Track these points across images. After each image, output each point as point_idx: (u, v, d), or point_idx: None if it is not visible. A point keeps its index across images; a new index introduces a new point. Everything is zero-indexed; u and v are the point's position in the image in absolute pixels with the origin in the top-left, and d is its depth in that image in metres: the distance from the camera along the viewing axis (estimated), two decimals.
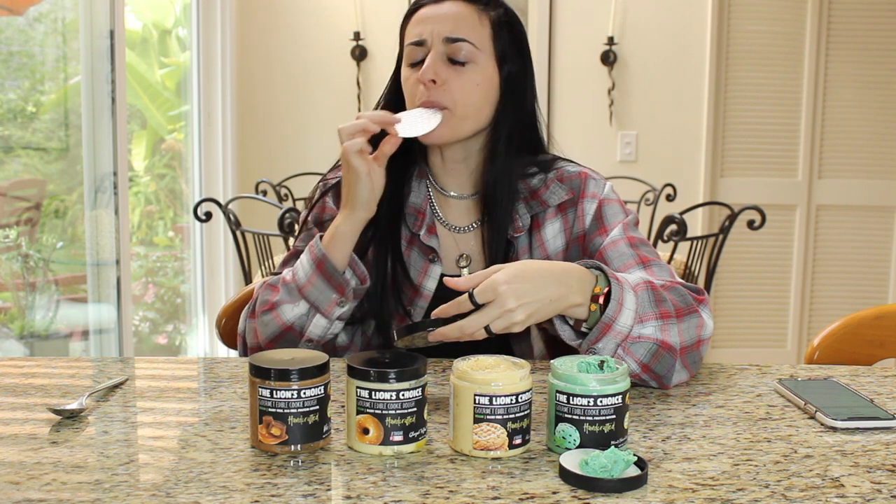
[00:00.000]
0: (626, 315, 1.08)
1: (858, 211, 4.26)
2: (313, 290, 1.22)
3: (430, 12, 1.29)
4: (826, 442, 0.93)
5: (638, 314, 1.09)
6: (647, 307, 1.10)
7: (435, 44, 1.26)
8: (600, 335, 1.08)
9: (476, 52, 1.27)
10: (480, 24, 1.28)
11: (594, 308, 1.09)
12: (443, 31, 1.26)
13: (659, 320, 1.10)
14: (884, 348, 1.39)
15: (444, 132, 1.27)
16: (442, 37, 1.26)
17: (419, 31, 1.28)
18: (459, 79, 1.26)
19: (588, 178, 1.33)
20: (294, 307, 1.23)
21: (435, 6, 1.29)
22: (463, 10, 1.28)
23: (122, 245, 3.03)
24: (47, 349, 3.01)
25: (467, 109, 1.27)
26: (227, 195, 3.90)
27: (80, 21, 2.97)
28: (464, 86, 1.26)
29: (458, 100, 1.26)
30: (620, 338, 1.08)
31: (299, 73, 4.23)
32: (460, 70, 1.26)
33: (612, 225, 1.29)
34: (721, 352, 4.30)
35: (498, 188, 1.30)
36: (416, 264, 1.32)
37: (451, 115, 1.26)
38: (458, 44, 1.26)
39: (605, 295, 1.09)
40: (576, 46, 4.16)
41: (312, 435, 0.87)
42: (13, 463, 0.85)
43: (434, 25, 1.27)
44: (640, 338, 1.09)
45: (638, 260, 1.24)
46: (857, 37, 4.16)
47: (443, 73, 1.26)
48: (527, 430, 0.88)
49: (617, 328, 1.08)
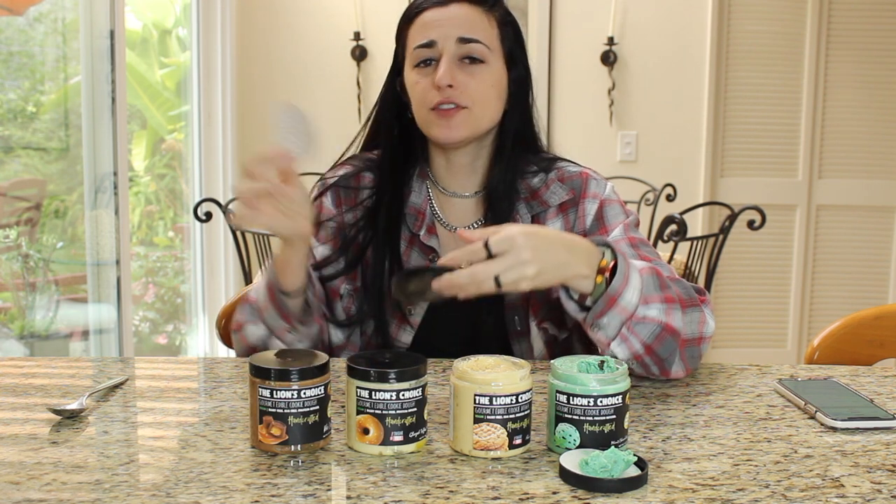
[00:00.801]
0: (630, 292, 1.08)
1: (858, 211, 4.26)
2: (268, 315, 1.21)
3: (436, 15, 1.28)
4: (826, 442, 0.93)
5: (643, 294, 1.09)
6: (652, 290, 1.11)
7: (447, 46, 1.26)
8: (606, 308, 1.08)
9: (488, 53, 1.27)
10: (489, 24, 1.29)
11: (600, 280, 1.08)
12: (455, 32, 1.26)
13: (664, 303, 1.11)
14: (884, 348, 1.39)
15: (462, 131, 1.27)
16: (455, 38, 1.26)
17: (427, 33, 1.27)
18: (475, 79, 1.26)
19: (589, 178, 1.33)
20: (256, 328, 1.23)
21: (440, 9, 1.28)
22: (470, 11, 1.28)
23: (122, 245, 3.03)
24: (47, 349, 3.01)
25: (484, 109, 1.28)
26: (227, 195, 3.89)
27: (80, 21, 2.97)
28: (480, 86, 1.26)
29: (477, 99, 1.26)
30: (625, 315, 1.08)
31: (299, 74, 4.23)
32: (475, 71, 1.26)
33: (613, 225, 1.29)
34: (721, 352, 4.30)
35: (502, 187, 1.30)
36: (416, 264, 1.32)
37: (470, 113, 1.26)
38: (471, 44, 1.26)
39: (610, 269, 1.09)
40: (576, 46, 4.16)
41: (312, 435, 0.87)
42: (13, 463, 0.85)
43: (444, 27, 1.26)
44: (644, 318, 1.09)
45: (638, 260, 1.24)
46: (857, 37, 4.16)
47: (459, 75, 1.25)
48: (527, 430, 0.88)
49: (622, 303, 1.08)
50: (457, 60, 1.26)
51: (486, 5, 1.30)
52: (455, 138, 1.27)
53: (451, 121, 1.26)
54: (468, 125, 1.27)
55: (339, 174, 1.38)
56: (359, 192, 1.35)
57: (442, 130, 1.27)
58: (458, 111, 1.26)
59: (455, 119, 1.26)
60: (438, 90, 1.25)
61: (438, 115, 1.26)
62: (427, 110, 1.28)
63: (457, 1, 1.28)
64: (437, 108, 1.26)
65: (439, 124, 1.27)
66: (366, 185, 1.36)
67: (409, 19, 1.32)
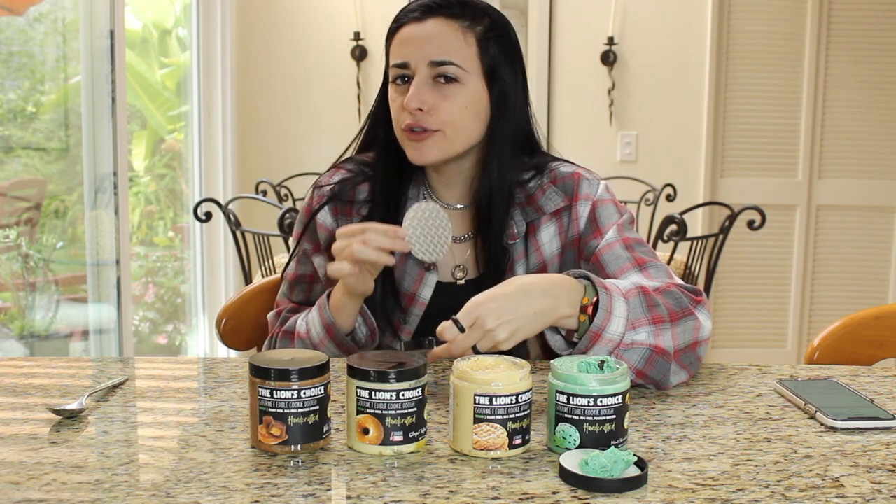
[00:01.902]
0: (616, 323, 1.08)
1: (858, 211, 4.26)
2: (327, 350, 1.25)
3: (413, 32, 1.25)
4: (826, 442, 0.93)
5: (630, 321, 1.09)
6: (640, 313, 1.10)
7: (419, 68, 1.23)
8: (590, 344, 1.08)
9: (462, 73, 1.23)
10: (466, 43, 1.24)
11: (583, 319, 1.09)
12: (427, 54, 1.23)
13: (651, 325, 1.10)
14: (884, 348, 1.39)
15: (434, 154, 1.25)
16: (426, 60, 1.23)
17: (402, 53, 1.25)
18: (447, 101, 1.23)
19: (581, 178, 1.31)
20: None
21: (418, 25, 1.25)
22: (447, 29, 1.24)
23: (122, 245, 3.03)
24: (47, 349, 3.01)
25: (457, 131, 1.25)
26: (227, 195, 3.90)
27: (80, 21, 2.97)
28: (452, 108, 1.23)
29: (448, 121, 1.24)
30: (612, 345, 1.08)
31: (299, 74, 4.23)
32: (447, 92, 1.23)
33: (607, 227, 1.27)
34: (721, 352, 4.30)
35: (493, 199, 1.28)
36: (411, 272, 1.31)
37: (443, 136, 1.24)
38: (443, 67, 1.22)
39: (593, 305, 1.09)
40: (576, 46, 4.16)
41: (312, 435, 0.87)
42: (13, 463, 0.85)
43: (418, 48, 1.23)
44: (632, 344, 1.08)
45: (634, 263, 1.23)
46: (857, 37, 4.16)
47: (429, 99, 1.22)
48: (527, 430, 0.88)
49: (607, 336, 1.08)
50: (430, 80, 1.23)
51: (466, 20, 1.25)
52: (426, 161, 1.26)
53: (421, 144, 1.24)
54: (440, 148, 1.25)
55: (335, 180, 1.36)
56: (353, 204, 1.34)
57: (413, 153, 1.26)
58: (430, 134, 1.23)
59: (426, 143, 1.24)
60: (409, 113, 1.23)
61: (409, 136, 1.25)
62: (400, 130, 1.26)
63: (434, 16, 1.24)
64: (409, 130, 1.24)
65: (411, 146, 1.26)
66: (362, 193, 1.34)
67: (391, 32, 1.29)
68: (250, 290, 1.52)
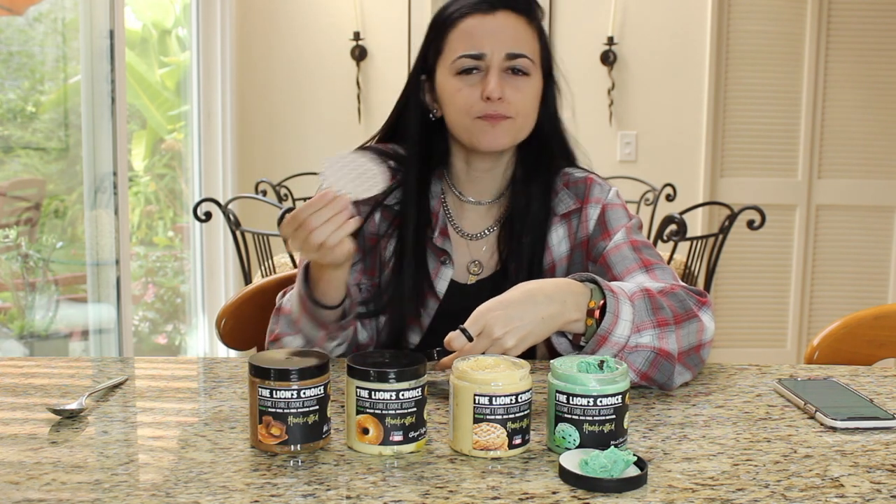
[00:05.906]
0: (622, 326, 1.08)
1: (858, 211, 4.26)
2: (304, 325, 1.23)
3: (483, 24, 1.27)
4: (826, 442, 0.93)
5: (635, 324, 1.09)
6: (644, 316, 1.10)
7: (496, 59, 1.25)
8: (597, 347, 1.08)
9: (532, 66, 1.28)
10: (532, 37, 1.29)
11: (590, 322, 1.09)
12: (504, 47, 1.25)
13: (656, 328, 1.10)
14: (884, 348, 1.39)
15: (506, 140, 1.28)
16: (504, 52, 1.25)
17: (474, 44, 1.26)
18: (520, 92, 1.27)
19: (593, 183, 1.34)
20: (294, 339, 1.25)
21: (486, 17, 1.27)
22: (517, 22, 1.28)
23: (122, 245, 3.03)
24: (47, 349, 3.01)
25: (526, 119, 1.29)
26: (227, 195, 3.90)
27: (80, 21, 2.97)
28: (524, 98, 1.27)
29: (520, 111, 1.27)
30: (617, 348, 1.08)
31: (299, 73, 4.23)
32: (520, 84, 1.27)
33: (616, 229, 1.29)
34: (721, 352, 4.30)
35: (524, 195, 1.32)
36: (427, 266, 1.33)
37: (513, 123, 1.27)
38: (518, 59, 1.26)
39: (600, 308, 1.09)
40: (576, 46, 4.16)
41: (312, 435, 0.87)
42: (13, 463, 0.85)
43: (493, 40, 1.26)
44: (637, 347, 1.09)
45: (640, 264, 1.24)
46: (857, 37, 4.16)
47: (506, 88, 1.26)
48: (527, 430, 0.88)
49: (613, 339, 1.08)
50: (502, 72, 1.26)
51: (530, 15, 1.29)
52: (498, 146, 1.28)
53: (496, 128, 1.26)
54: (511, 134, 1.28)
55: None
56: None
57: (487, 137, 1.27)
58: (504, 120, 1.27)
59: (501, 128, 1.27)
60: (487, 101, 1.25)
61: (485, 122, 1.26)
62: (471, 119, 1.27)
63: (503, 8, 1.27)
64: (485, 117, 1.26)
65: (485, 131, 1.27)
66: None
67: (450, 23, 1.29)
68: (250, 289, 1.52)
